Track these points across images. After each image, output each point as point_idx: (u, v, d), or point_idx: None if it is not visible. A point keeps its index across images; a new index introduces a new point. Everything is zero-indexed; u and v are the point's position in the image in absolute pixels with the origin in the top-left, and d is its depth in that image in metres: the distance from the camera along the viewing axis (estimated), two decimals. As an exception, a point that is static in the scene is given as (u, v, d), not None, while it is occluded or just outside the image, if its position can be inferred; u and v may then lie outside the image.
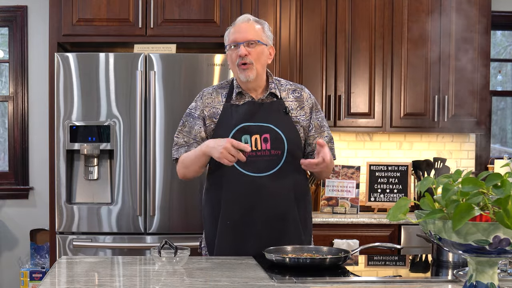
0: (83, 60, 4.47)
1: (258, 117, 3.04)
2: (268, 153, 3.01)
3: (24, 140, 5.48)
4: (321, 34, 5.02)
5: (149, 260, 2.75)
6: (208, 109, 3.09)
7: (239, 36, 3.03)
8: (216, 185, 3.06)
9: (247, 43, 3.01)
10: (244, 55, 2.99)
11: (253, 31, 3.04)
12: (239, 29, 3.05)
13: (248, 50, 3.01)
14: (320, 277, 2.42)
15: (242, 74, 3.02)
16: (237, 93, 3.08)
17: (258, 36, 3.04)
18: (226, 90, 3.13)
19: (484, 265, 1.76)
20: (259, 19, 3.15)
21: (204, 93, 3.16)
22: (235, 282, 2.31)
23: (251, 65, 3.01)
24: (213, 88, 3.17)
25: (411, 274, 2.82)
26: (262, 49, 3.05)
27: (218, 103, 3.10)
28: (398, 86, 5.06)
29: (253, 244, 2.96)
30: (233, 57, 3.04)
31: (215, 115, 3.08)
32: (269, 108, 3.07)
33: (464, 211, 1.63)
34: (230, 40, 3.06)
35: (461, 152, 5.53)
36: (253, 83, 3.07)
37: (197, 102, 3.14)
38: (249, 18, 3.09)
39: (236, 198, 3.00)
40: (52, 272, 2.50)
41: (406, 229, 4.75)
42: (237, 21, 3.10)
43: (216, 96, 3.12)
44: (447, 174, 1.81)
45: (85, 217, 4.46)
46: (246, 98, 3.08)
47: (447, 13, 5.04)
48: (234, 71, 3.07)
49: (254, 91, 3.10)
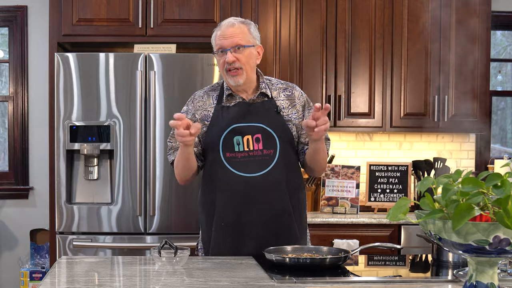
0: (83, 60, 4.46)
1: (249, 118, 3.03)
2: (261, 153, 2.99)
3: (24, 140, 5.47)
4: (321, 34, 5.01)
5: (149, 260, 2.75)
6: (200, 112, 3.08)
7: (225, 42, 2.99)
8: (210, 187, 3.05)
9: (234, 48, 2.98)
10: (232, 61, 2.97)
11: (239, 35, 2.99)
12: (223, 35, 3.00)
13: (236, 56, 2.97)
14: (320, 277, 2.42)
15: (231, 80, 3.00)
16: (228, 95, 3.06)
17: (244, 39, 3.00)
18: (217, 93, 3.12)
19: (484, 265, 1.76)
20: (245, 19, 3.11)
21: (195, 96, 3.15)
22: (235, 282, 2.31)
23: (240, 70, 2.98)
24: (204, 91, 3.16)
25: (411, 274, 2.82)
26: (250, 51, 3.02)
27: (209, 105, 3.09)
28: (398, 86, 5.06)
29: (249, 245, 2.95)
30: (220, 62, 3.02)
31: (207, 118, 3.07)
32: (260, 108, 3.06)
33: (464, 211, 1.63)
34: (217, 46, 3.02)
35: (461, 152, 5.52)
36: (243, 86, 3.05)
37: (188, 106, 3.14)
38: (233, 22, 3.04)
39: (229, 199, 2.98)
40: (52, 272, 2.50)
41: (406, 229, 4.75)
42: (222, 25, 3.05)
43: (207, 99, 3.11)
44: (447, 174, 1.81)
45: (85, 217, 4.46)
46: (237, 99, 3.07)
47: (447, 13, 5.03)
48: (224, 75, 3.05)
49: (244, 92, 3.08)
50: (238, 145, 2.99)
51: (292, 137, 3.07)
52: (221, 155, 2.99)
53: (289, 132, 3.06)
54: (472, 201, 1.66)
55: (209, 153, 3.05)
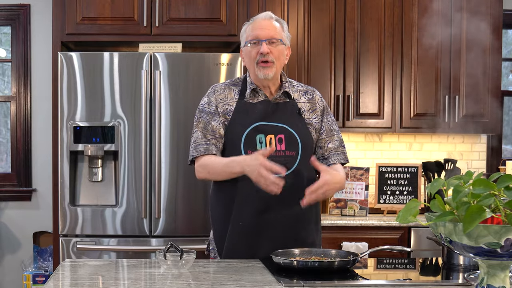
0: (87, 59, 4.44)
1: (273, 117, 3.00)
2: (283, 154, 2.97)
3: (27, 141, 5.45)
4: (330, 33, 4.99)
5: (154, 263, 2.73)
6: (222, 105, 3.03)
7: (261, 33, 2.98)
8: (228, 185, 2.98)
9: (269, 41, 2.98)
10: (266, 53, 2.95)
11: (275, 29, 3.01)
12: (260, 26, 3.00)
13: (270, 48, 2.97)
14: (328, 280, 2.41)
15: (261, 72, 2.97)
16: (252, 90, 3.03)
17: (280, 35, 3.02)
18: (239, 87, 3.08)
19: (496, 268, 1.77)
20: (280, 18, 3.11)
21: (216, 88, 3.09)
22: (242, 285, 2.29)
23: (272, 63, 2.97)
24: (225, 85, 3.11)
25: (421, 278, 2.82)
26: (282, 48, 3.03)
27: (231, 99, 3.04)
28: (408, 86, 5.03)
29: (265, 246, 2.91)
30: (252, 53, 2.99)
31: (228, 112, 3.02)
32: (284, 108, 3.04)
33: (475, 213, 1.63)
34: (252, 36, 3.00)
35: (472, 153, 5.50)
36: (269, 81, 3.03)
37: (209, 97, 3.07)
38: (271, 15, 3.06)
39: (250, 199, 2.93)
40: (56, 276, 2.50)
41: (416, 231, 4.73)
42: (258, 17, 3.06)
43: (229, 92, 3.07)
44: (458, 175, 1.83)
45: (89, 220, 4.44)
46: (260, 97, 3.04)
47: (458, 11, 5.02)
48: (251, 67, 3.02)
49: (268, 89, 3.06)
50: (261, 144, 2.96)
51: (312, 141, 3.06)
52: (242, 153, 2.94)
53: (310, 136, 3.05)
54: (483, 203, 1.66)
55: (228, 149, 3.00)
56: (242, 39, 3.07)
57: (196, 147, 3.01)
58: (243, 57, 3.07)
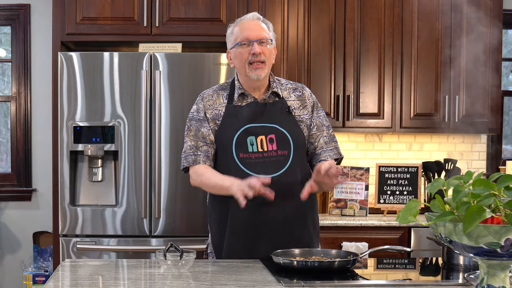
0: (87, 59, 4.43)
1: (262, 118, 3.00)
2: (275, 154, 2.96)
3: (27, 141, 5.44)
4: (330, 33, 4.98)
5: (154, 263, 2.73)
6: (210, 111, 3.04)
7: (251, 34, 2.97)
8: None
9: (260, 41, 2.97)
10: (259, 53, 2.94)
11: (265, 30, 3.01)
12: (250, 27, 2.99)
13: (261, 49, 2.96)
14: (328, 280, 2.41)
15: (253, 73, 2.97)
16: (239, 94, 3.03)
17: (269, 35, 3.02)
18: (227, 92, 3.08)
19: (496, 268, 1.77)
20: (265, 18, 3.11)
21: (204, 95, 3.10)
22: (242, 285, 2.29)
23: (263, 64, 2.97)
24: (213, 90, 3.12)
25: (421, 278, 2.83)
26: (272, 48, 3.04)
27: (220, 104, 3.05)
28: (408, 86, 5.02)
29: (263, 248, 2.90)
30: (244, 54, 2.97)
31: (218, 117, 3.03)
32: (273, 108, 3.03)
33: (475, 213, 1.63)
34: (242, 37, 2.98)
35: (472, 153, 5.49)
36: (259, 82, 3.02)
37: (198, 105, 3.08)
38: (259, 16, 3.06)
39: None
40: (56, 276, 2.50)
41: (416, 231, 4.72)
42: (244, 18, 3.05)
43: (217, 97, 3.07)
44: (458, 175, 1.83)
45: (89, 220, 4.44)
46: (248, 99, 3.04)
47: (458, 11, 5.02)
48: (242, 69, 3.00)
49: (257, 91, 3.05)
50: (252, 146, 2.95)
51: (304, 138, 3.05)
52: (234, 156, 2.95)
53: (301, 133, 3.04)
54: (483, 203, 1.66)
55: (220, 153, 3.02)
56: (230, 41, 3.05)
57: (186, 157, 3.06)
58: (231, 59, 3.06)
